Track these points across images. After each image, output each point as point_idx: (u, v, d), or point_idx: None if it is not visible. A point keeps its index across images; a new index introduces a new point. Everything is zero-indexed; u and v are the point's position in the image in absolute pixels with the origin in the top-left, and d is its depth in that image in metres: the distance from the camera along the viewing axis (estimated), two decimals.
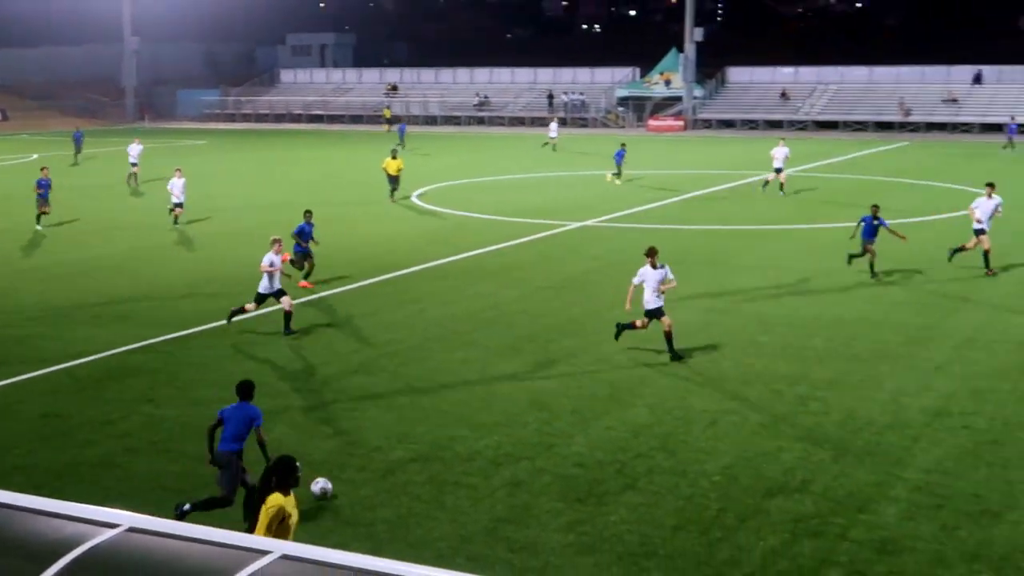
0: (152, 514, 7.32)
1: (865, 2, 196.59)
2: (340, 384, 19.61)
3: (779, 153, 45.18)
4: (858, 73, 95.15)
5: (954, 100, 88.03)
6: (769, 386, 19.12)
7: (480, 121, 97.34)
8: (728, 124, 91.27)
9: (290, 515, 9.99)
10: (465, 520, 13.68)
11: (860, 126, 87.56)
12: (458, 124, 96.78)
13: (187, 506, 13.45)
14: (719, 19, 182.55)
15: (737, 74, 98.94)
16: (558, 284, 27.89)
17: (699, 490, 14.55)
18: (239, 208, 42.71)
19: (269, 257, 22.64)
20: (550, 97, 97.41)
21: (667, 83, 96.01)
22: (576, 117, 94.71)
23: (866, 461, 15.54)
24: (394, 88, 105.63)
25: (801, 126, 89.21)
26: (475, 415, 17.71)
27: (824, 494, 14.39)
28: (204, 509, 13.27)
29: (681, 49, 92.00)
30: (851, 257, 28.07)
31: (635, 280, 20.75)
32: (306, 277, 27.25)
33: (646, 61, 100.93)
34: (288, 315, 22.78)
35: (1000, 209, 28.74)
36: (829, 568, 12.38)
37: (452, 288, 27.58)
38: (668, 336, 20.65)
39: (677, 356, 20.61)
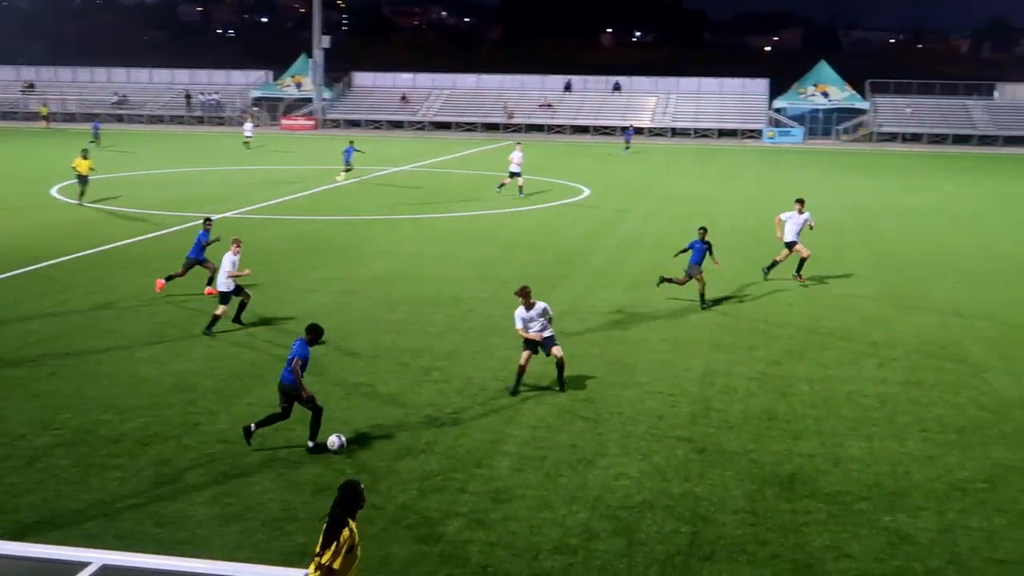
0: None
1: (473, 17, 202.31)
2: None
3: (515, 157, 44.01)
4: (468, 80, 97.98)
5: (549, 105, 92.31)
6: (397, 359, 19.34)
7: (119, 119, 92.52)
8: (355, 124, 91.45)
9: (359, 542, 9.05)
10: (112, 500, 12.98)
11: (471, 127, 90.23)
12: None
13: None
14: (344, 28, 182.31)
15: (362, 79, 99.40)
16: (195, 272, 26.95)
17: (336, 458, 14.51)
18: None
19: None
20: (187, 97, 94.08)
21: (298, 86, 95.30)
22: (212, 116, 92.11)
23: (482, 422, 16.04)
24: (31, 86, 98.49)
25: (420, 126, 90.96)
26: (121, 399, 16.84)
27: (447, 453, 14.72)
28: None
29: (310, 55, 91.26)
30: (662, 280, 24.76)
31: (518, 325, 17.59)
32: None
33: (278, 65, 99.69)
34: None
35: (811, 223, 27.17)
36: (452, 518, 12.68)
37: (94, 279, 26.07)
38: (559, 366, 17.63)
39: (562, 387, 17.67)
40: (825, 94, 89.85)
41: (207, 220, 24.67)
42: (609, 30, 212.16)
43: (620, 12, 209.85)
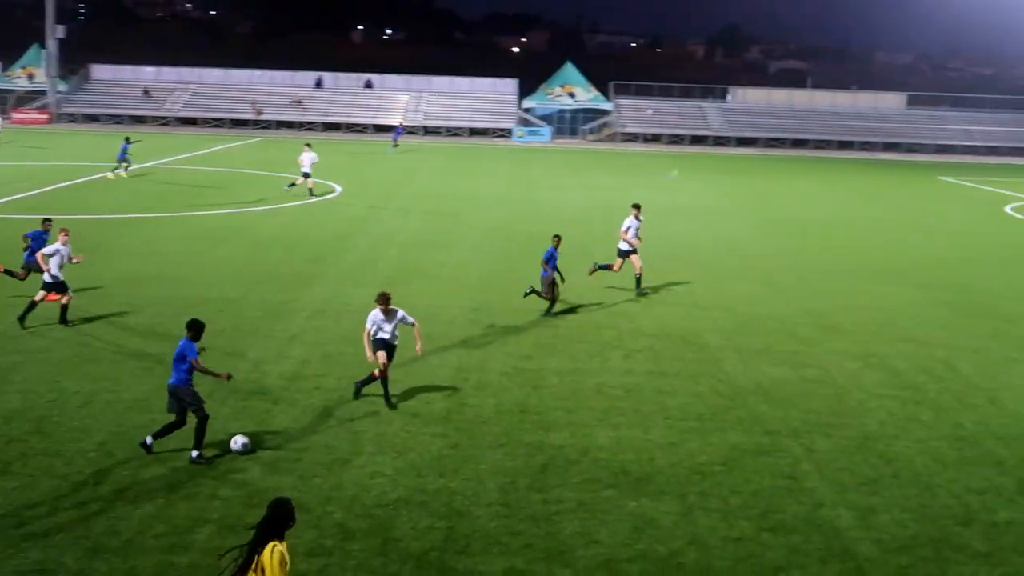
0: None
1: (219, 10, 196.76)
2: None
3: (306, 159, 42.83)
4: (215, 75, 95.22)
5: (299, 102, 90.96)
6: (140, 364, 18.60)
7: None
8: (93, 119, 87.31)
9: (287, 562, 8.29)
10: None
11: (218, 123, 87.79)
12: None
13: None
14: (81, 17, 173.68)
15: (101, 71, 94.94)
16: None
17: (75, 468, 13.81)
18: None
19: None
20: None
21: (30, 77, 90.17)
22: None
23: (234, 426, 15.61)
24: None
25: (164, 122, 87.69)
26: None
27: (184, 457, 14.27)
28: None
29: (43, 45, 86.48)
30: (531, 292, 24.02)
31: (368, 326, 17.11)
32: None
33: (8, 55, 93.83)
34: None
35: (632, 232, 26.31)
36: (202, 525, 12.31)
37: None
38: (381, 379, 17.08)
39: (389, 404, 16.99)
40: (572, 95, 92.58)
41: (46, 220, 23.87)
42: (360, 27, 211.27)
43: (371, 9, 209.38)
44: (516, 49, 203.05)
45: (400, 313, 17.21)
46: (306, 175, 42.99)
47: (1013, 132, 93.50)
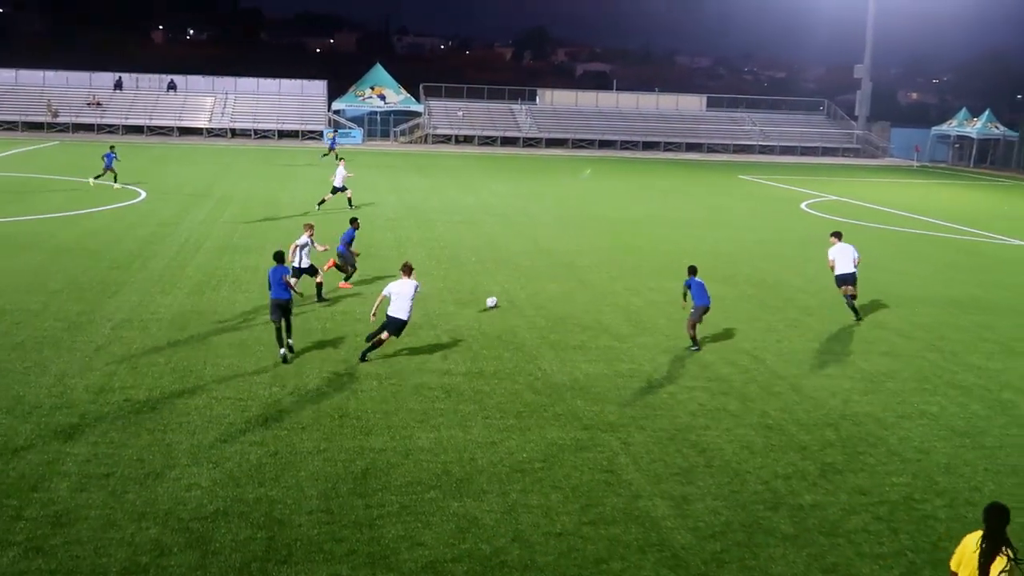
0: None
1: (8, 7, 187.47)
2: None
3: (339, 173, 41.99)
4: (5, 75, 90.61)
5: (98, 104, 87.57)
6: None
7: None
8: None
9: None
10: None
11: (11, 125, 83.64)
12: None
13: None
14: None
15: None
16: None
17: None
18: None
19: None
20: None
21: None
22: None
23: (37, 443, 14.90)
24: None
25: None
26: None
27: None
28: None
29: None
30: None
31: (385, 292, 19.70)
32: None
33: None
34: None
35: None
36: (7, 548, 11.72)
37: None
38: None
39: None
40: (382, 96, 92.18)
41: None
42: (161, 27, 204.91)
43: (174, 8, 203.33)
44: (321, 51, 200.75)
45: (414, 284, 19.92)
46: (339, 189, 42.06)
47: (805, 132, 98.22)
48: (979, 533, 9.34)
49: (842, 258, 25.13)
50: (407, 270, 20.20)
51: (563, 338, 22.44)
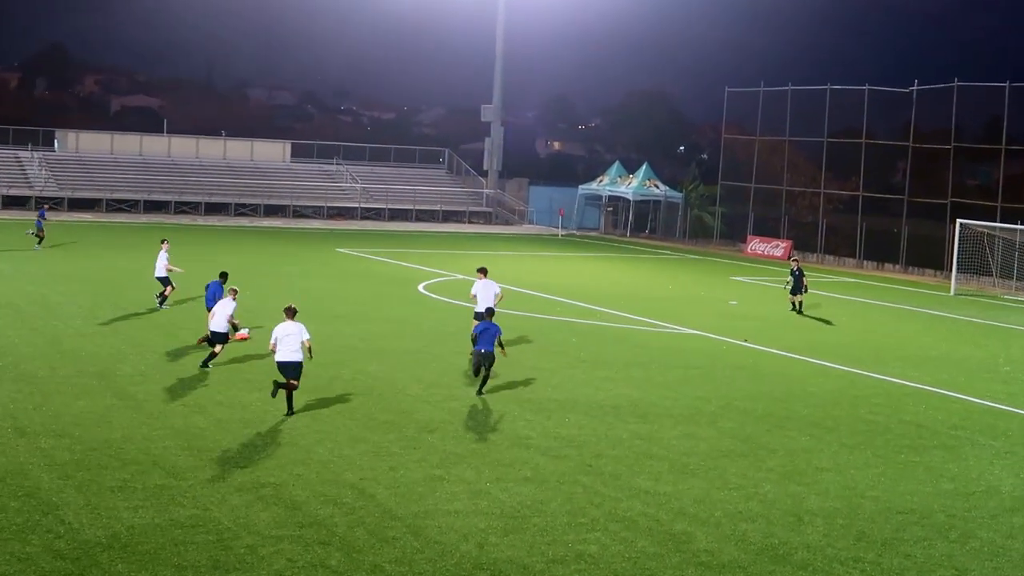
0: None
1: None
2: None
3: None
4: None
5: None
6: None
7: None
8: None
9: None
10: None
11: None
12: None
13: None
14: None
15: None
16: None
17: None
18: None
19: None
20: None
21: None
22: None
23: None
24: None
25: None
26: None
27: None
28: None
29: None
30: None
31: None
32: None
33: None
34: None
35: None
36: None
37: None
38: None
39: None
40: None
41: None
42: None
43: None
44: None
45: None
46: None
47: (421, 192, 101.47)
48: None
49: (484, 293, 34.37)
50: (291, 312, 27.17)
51: (97, 476, 21.69)
